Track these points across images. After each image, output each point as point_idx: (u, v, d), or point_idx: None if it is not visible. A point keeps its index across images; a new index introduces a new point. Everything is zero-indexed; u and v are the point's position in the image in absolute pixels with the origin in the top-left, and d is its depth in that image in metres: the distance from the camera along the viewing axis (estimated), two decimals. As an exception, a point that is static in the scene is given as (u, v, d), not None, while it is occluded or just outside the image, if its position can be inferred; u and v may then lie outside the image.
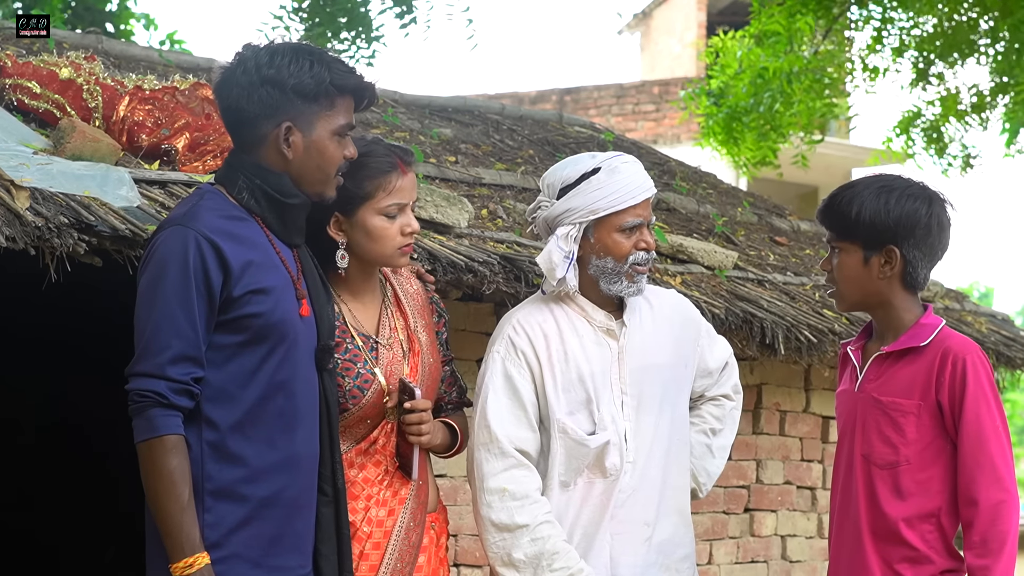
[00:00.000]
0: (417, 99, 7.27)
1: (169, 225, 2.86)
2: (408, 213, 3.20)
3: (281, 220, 2.96)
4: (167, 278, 2.78)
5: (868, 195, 3.15)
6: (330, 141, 2.96)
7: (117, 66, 5.52)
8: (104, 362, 6.72)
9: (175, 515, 2.73)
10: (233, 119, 2.98)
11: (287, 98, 2.91)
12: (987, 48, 9.02)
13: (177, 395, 2.75)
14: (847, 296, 3.23)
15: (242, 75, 2.94)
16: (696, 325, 3.53)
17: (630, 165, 3.33)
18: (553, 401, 3.28)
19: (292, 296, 2.92)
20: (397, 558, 3.18)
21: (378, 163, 3.17)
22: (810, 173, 10.91)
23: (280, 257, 2.93)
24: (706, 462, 3.53)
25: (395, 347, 3.25)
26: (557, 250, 3.28)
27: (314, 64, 2.93)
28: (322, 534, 2.99)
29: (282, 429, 2.88)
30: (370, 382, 3.17)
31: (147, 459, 2.75)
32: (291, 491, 2.89)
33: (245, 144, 2.97)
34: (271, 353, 2.86)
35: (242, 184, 2.94)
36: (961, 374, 3.07)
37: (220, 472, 2.81)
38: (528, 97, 15.82)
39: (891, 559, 3.13)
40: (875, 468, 3.16)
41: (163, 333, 2.76)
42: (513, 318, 3.36)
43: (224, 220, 2.87)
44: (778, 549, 5.94)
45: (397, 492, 3.22)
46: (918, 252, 3.15)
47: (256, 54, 2.96)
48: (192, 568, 2.72)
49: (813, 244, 7.12)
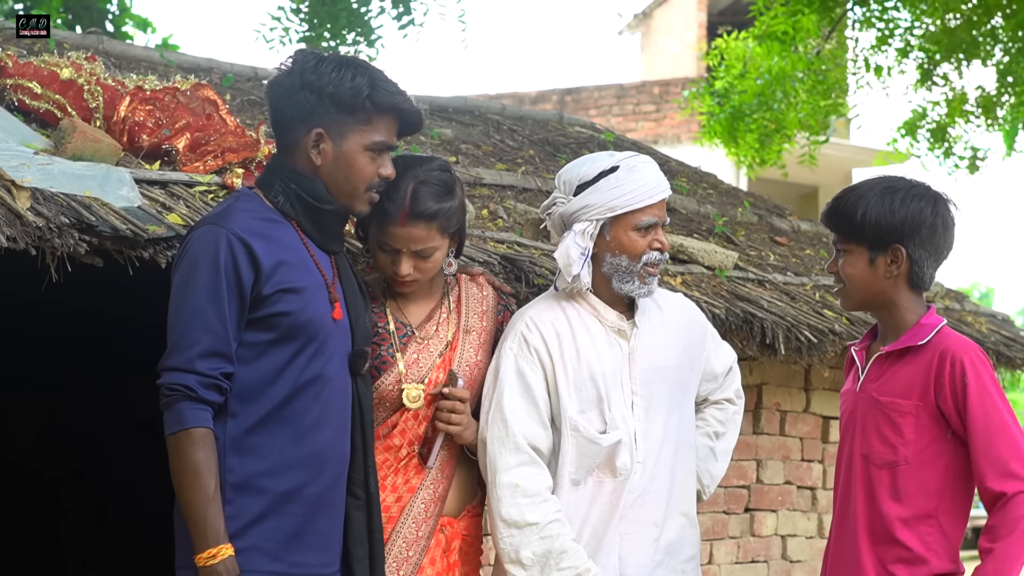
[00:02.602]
0: (417, 99, 7.26)
1: (202, 224, 2.93)
2: (402, 258, 3.23)
3: (316, 225, 3.00)
4: (198, 275, 2.83)
5: (873, 197, 3.17)
6: (361, 155, 2.98)
7: (118, 66, 5.53)
8: (104, 362, 6.73)
9: (200, 506, 2.77)
10: (274, 120, 3.04)
11: (322, 104, 2.94)
12: (992, 49, 9.02)
13: (206, 389, 2.80)
14: (853, 296, 3.25)
15: (286, 77, 2.98)
16: (702, 329, 3.56)
17: (648, 165, 3.36)
18: (565, 399, 3.29)
19: (325, 298, 2.96)
20: (402, 546, 3.21)
21: (387, 204, 3.19)
22: (811, 173, 10.92)
23: (314, 259, 2.97)
24: (710, 464, 3.56)
25: (431, 342, 3.32)
26: (575, 246, 3.29)
27: (357, 77, 2.95)
28: (354, 537, 3.03)
29: (307, 427, 2.92)
30: (388, 364, 3.25)
31: (175, 451, 2.80)
32: (313, 488, 2.93)
33: (283, 147, 3.03)
34: (300, 352, 2.91)
35: (278, 188, 2.99)
36: (960, 374, 3.08)
37: (241, 465, 2.85)
38: (528, 97, 15.82)
39: (885, 559, 3.13)
40: (874, 468, 3.17)
41: (193, 329, 2.82)
42: (526, 315, 3.37)
43: (258, 221, 2.92)
44: (778, 549, 5.94)
45: (408, 480, 3.25)
46: (924, 252, 3.17)
47: (305, 59, 2.99)
48: (216, 559, 2.77)
49: (813, 244, 7.12)
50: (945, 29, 9.01)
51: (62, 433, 7.20)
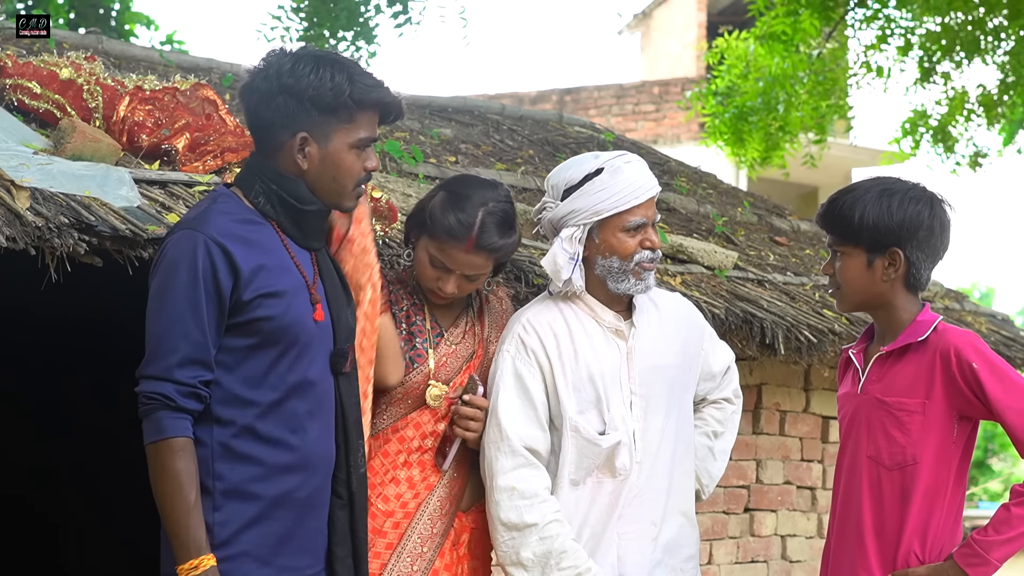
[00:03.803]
0: (417, 99, 7.27)
1: (179, 229, 2.88)
2: (451, 278, 3.28)
3: (297, 225, 2.97)
4: (176, 281, 2.79)
5: (870, 199, 3.16)
6: (347, 154, 2.95)
7: (117, 66, 5.52)
8: (105, 363, 6.73)
9: (181, 517, 2.74)
10: (252, 124, 2.98)
11: (304, 109, 2.89)
12: (994, 47, 9.02)
13: (185, 398, 2.77)
14: (850, 298, 3.25)
15: (263, 81, 2.92)
16: (700, 329, 3.55)
17: (633, 165, 3.34)
18: (565, 399, 3.29)
19: (306, 300, 2.93)
20: (417, 541, 3.22)
21: (453, 225, 3.24)
22: (811, 173, 10.93)
23: (295, 261, 2.94)
24: (708, 464, 3.56)
25: (459, 347, 3.38)
26: (561, 252, 3.29)
27: (335, 75, 2.89)
28: (337, 536, 3.00)
29: (294, 430, 2.89)
30: (423, 358, 3.29)
31: (154, 461, 2.77)
32: (303, 491, 2.91)
33: (263, 149, 2.97)
34: (283, 356, 2.87)
35: (259, 188, 2.95)
36: (968, 364, 3.08)
37: (231, 472, 2.82)
38: (528, 97, 15.82)
39: (895, 559, 3.13)
40: (883, 470, 3.16)
41: (171, 336, 2.78)
42: (523, 317, 3.37)
43: (236, 224, 2.88)
44: (778, 549, 5.94)
45: (427, 477, 3.26)
46: (921, 254, 3.17)
47: (279, 60, 2.92)
48: (198, 570, 2.73)
49: (813, 244, 7.12)
50: (945, 27, 9.01)
51: (62, 434, 7.20)
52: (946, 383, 3.11)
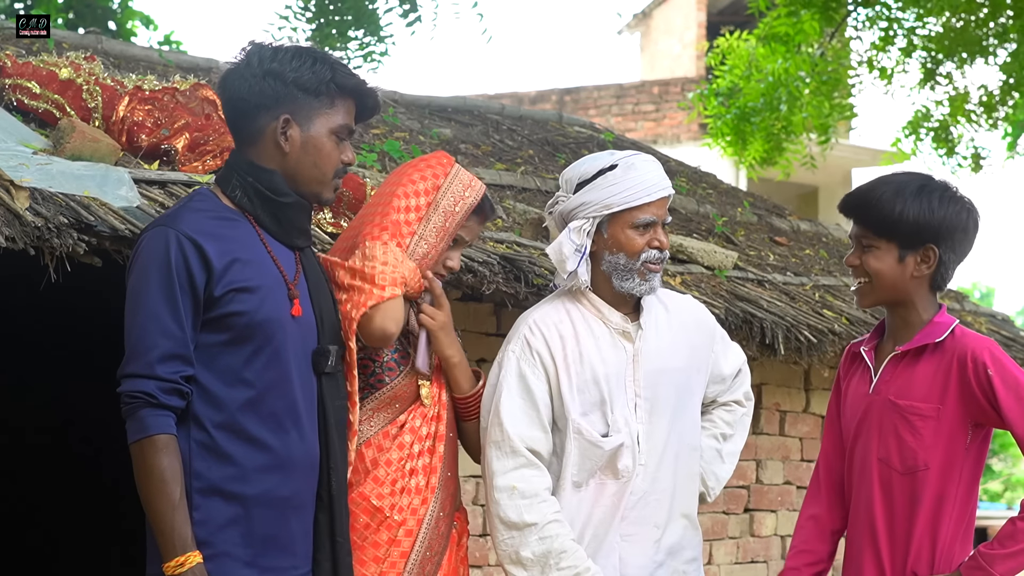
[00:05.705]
0: (417, 99, 7.27)
1: (152, 227, 2.88)
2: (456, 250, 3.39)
3: (275, 219, 2.96)
4: (151, 279, 2.78)
5: (909, 194, 3.10)
6: (328, 139, 2.97)
7: (117, 66, 5.52)
8: (105, 364, 6.73)
9: (166, 514, 2.73)
10: (233, 112, 2.99)
11: (287, 90, 2.93)
12: (996, 48, 9.02)
13: (167, 395, 2.76)
14: (878, 292, 3.18)
15: (245, 68, 2.95)
16: (711, 331, 3.53)
17: (648, 163, 3.35)
18: (568, 402, 3.28)
19: (283, 296, 2.91)
20: (427, 546, 3.23)
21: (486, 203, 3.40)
22: (811, 173, 10.91)
23: (272, 256, 2.93)
24: (715, 466, 3.53)
25: None
26: (568, 242, 3.29)
27: (316, 62, 2.96)
28: (317, 540, 2.98)
29: (273, 429, 2.87)
30: (407, 359, 3.26)
31: (138, 459, 2.76)
32: (283, 491, 2.88)
33: (243, 139, 2.98)
34: (257, 353, 2.86)
35: (236, 182, 2.95)
36: (984, 370, 3.04)
37: (208, 470, 2.81)
38: (528, 97, 15.82)
39: (907, 563, 3.11)
40: (895, 474, 3.13)
41: (150, 333, 2.77)
42: (529, 318, 3.36)
43: (210, 220, 2.88)
44: (778, 549, 5.94)
45: (429, 481, 3.25)
46: (953, 254, 3.14)
47: (260, 50, 2.98)
48: (184, 567, 2.72)
49: (813, 244, 7.13)
50: (949, 28, 9.01)
51: (62, 434, 7.20)
52: (962, 389, 3.07)
